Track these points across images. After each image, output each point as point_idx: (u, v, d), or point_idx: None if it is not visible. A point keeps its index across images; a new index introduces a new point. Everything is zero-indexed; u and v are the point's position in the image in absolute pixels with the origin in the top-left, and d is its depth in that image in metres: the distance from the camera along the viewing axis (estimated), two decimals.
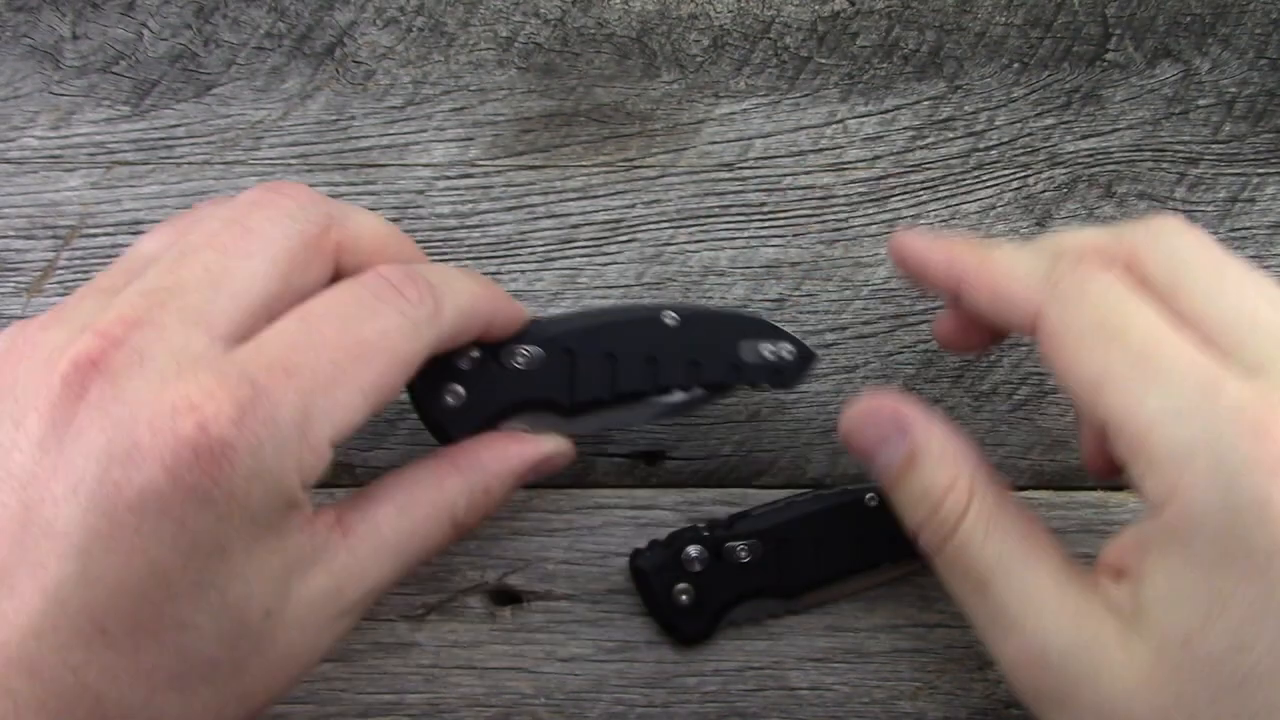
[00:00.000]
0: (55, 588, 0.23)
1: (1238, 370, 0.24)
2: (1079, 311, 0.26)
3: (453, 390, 0.31)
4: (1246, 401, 0.24)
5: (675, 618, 0.34)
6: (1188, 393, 0.24)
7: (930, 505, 0.28)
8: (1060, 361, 0.26)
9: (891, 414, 0.29)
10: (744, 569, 0.33)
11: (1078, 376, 0.26)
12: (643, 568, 0.34)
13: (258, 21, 0.39)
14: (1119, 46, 0.39)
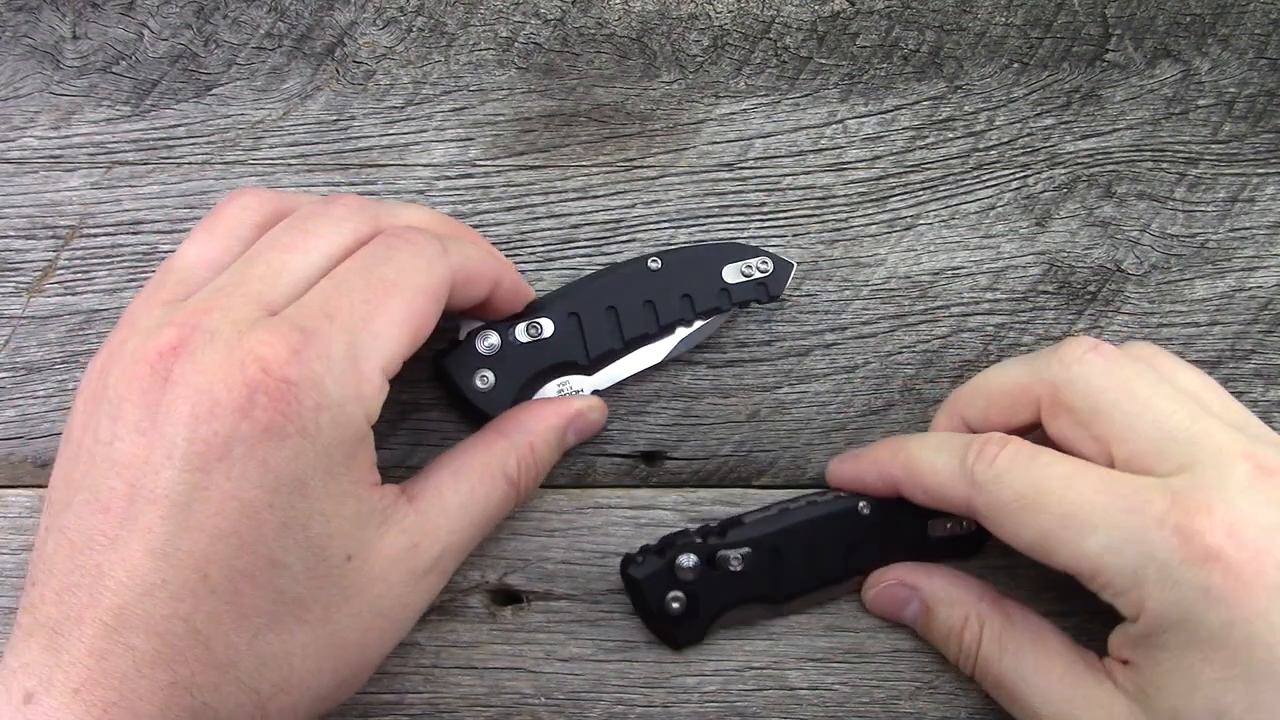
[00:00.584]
0: (161, 545, 0.26)
1: (1156, 482, 0.29)
2: (999, 494, 0.30)
3: (482, 376, 0.34)
4: (1167, 511, 0.28)
5: (667, 625, 0.33)
6: (1116, 525, 0.28)
7: (953, 642, 0.33)
8: (1004, 536, 0.31)
9: (899, 583, 0.34)
10: (736, 578, 0.33)
11: (1023, 545, 0.30)
12: (635, 576, 0.33)
13: (258, 21, 0.39)
14: (1119, 46, 0.39)
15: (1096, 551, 0.29)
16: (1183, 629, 0.28)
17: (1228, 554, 0.27)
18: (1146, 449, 0.29)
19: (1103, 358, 0.31)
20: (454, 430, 0.36)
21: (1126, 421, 0.30)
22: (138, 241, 0.37)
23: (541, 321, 0.34)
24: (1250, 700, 0.27)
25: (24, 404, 0.36)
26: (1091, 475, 0.30)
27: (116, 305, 0.37)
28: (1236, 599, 0.27)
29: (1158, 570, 0.28)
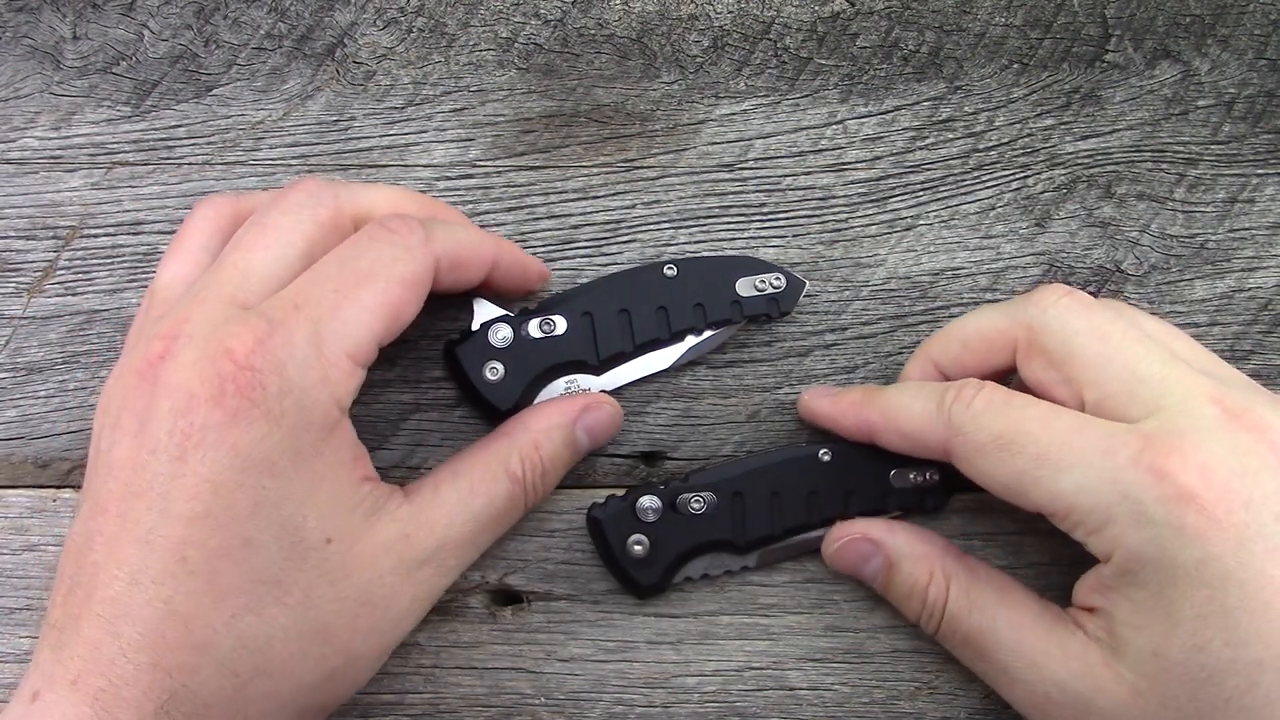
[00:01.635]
0: (145, 534, 0.27)
1: (1129, 426, 0.29)
2: (976, 435, 0.31)
3: (492, 367, 0.34)
4: (1140, 451, 0.28)
5: (630, 568, 0.34)
6: (1090, 465, 0.29)
7: (917, 599, 0.33)
8: (979, 478, 0.31)
9: (863, 538, 0.34)
10: (698, 520, 0.34)
11: (998, 486, 0.31)
12: (597, 517, 0.34)
13: (258, 22, 0.39)
14: (1119, 47, 0.39)
15: (1072, 491, 0.29)
16: (1159, 567, 0.28)
17: (1200, 493, 0.28)
18: (1118, 391, 0.30)
19: (1077, 302, 0.32)
20: (454, 430, 0.36)
21: (1099, 364, 0.30)
22: (138, 242, 0.37)
23: (555, 319, 0.35)
24: (1228, 635, 0.27)
25: (24, 404, 0.36)
26: (1066, 417, 0.30)
27: (116, 305, 0.37)
28: (1210, 537, 0.27)
29: (1132, 509, 0.28)
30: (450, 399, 0.36)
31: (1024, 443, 0.30)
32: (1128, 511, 0.28)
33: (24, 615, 0.35)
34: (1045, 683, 0.30)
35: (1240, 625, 0.27)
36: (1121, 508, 0.28)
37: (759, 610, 0.35)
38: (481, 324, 0.35)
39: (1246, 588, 0.27)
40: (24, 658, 0.34)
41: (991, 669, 0.32)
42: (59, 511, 0.35)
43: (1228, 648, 0.28)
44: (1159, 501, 0.28)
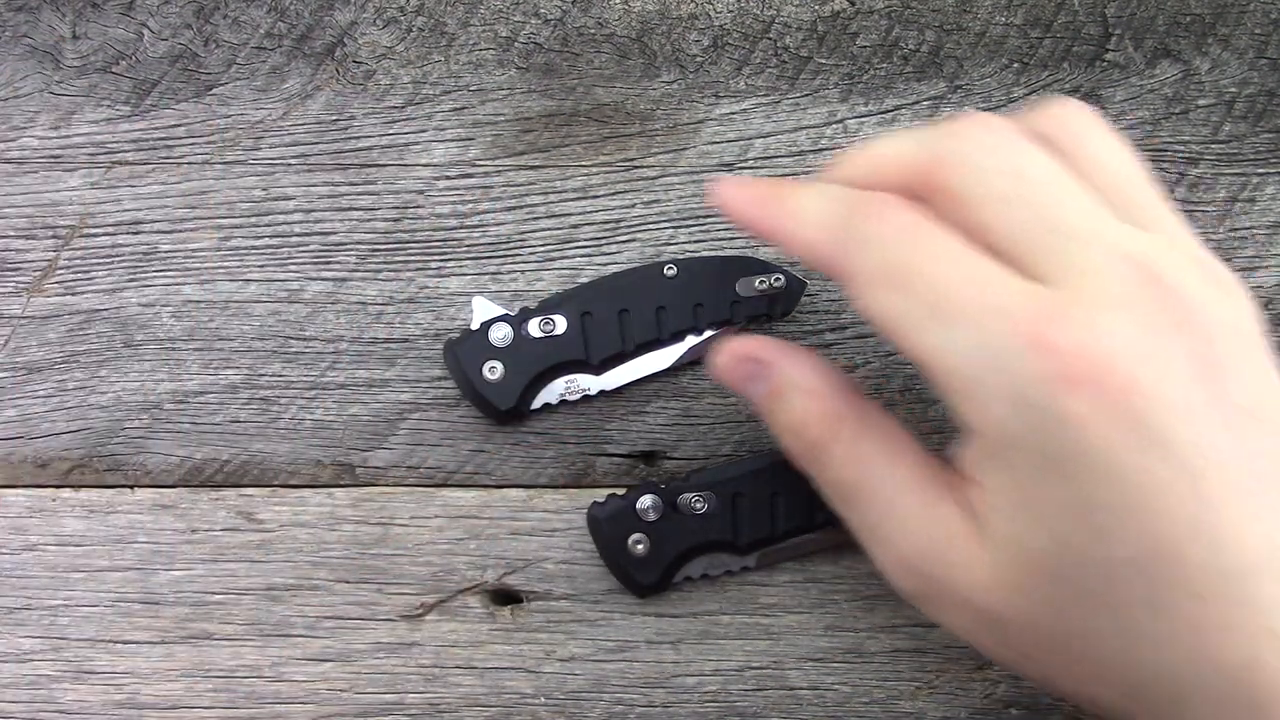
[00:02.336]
0: None
1: (1029, 286, 0.25)
2: (868, 258, 0.27)
3: (491, 366, 0.34)
4: (1029, 318, 0.25)
5: (630, 568, 0.34)
6: (976, 324, 0.25)
7: (800, 432, 0.30)
8: (859, 305, 0.27)
9: (754, 353, 0.30)
10: (698, 520, 0.34)
11: (877, 320, 0.27)
12: (597, 516, 0.34)
13: (258, 21, 0.39)
14: (1119, 46, 0.39)
15: (950, 349, 0.26)
16: (1030, 451, 0.25)
17: (1087, 377, 0.24)
18: (1022, 242, 0.26)
19: (993, 135, 0.27)
20: (454, 430, 0.36)
21: (1005, 210, 0.26)
22: (138, 241, 0.37)
23: (555, 318, 0.35)
24: (1097, 532, 0.25)
25: (24, 404, 0.36)
26: (966, 264, 0.26)
27: (116, 305, 0.37)
28: (1090, 426, 0.24)
29: (1009, 384, 0.25)
30: (450, 399, 0.36)
31: (915, 283, 0.26)
32: (1004, 386, 0.25)
33: (24, 615, 0.35)
34: (908, 548, 0.28)
35: (1110, 523, 0.25)
36: (998, 380, 0.25)
37: (759, 610, 0.35)
38: (481, 323, 0.35)
39: (1124, 484, 0.24)
40: (24, 657, 0.34)
41: (859, 522, 0.29)
42: (58, 511, 0.35)
43: (1095, 544, 0.25)
44: (1041, 381, 0.24)
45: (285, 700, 0.34)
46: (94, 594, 0.35)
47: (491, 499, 0.36)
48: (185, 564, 0.35)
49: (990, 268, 0.26)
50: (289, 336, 0.37)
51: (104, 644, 0.34)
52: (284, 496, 0.36)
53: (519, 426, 0.36)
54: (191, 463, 0.36)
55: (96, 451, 0.36)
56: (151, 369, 0.36)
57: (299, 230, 0.37)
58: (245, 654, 0.34)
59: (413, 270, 0.37)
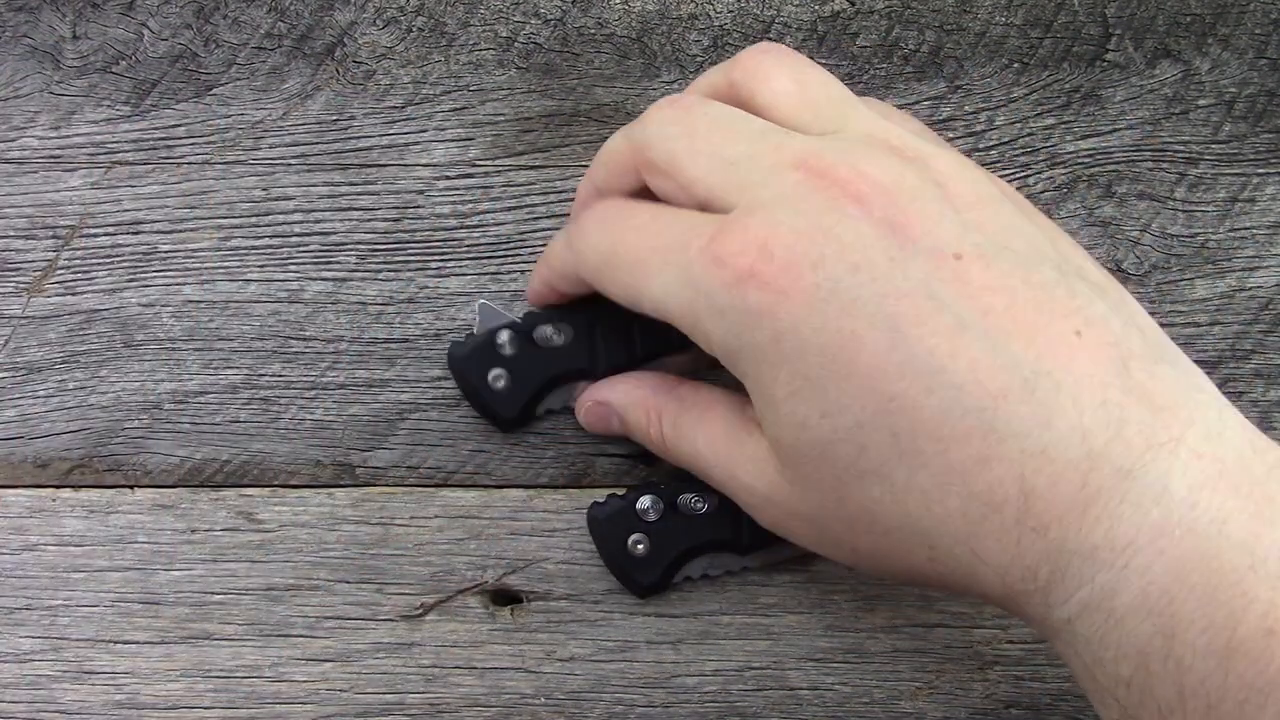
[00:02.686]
0: None
1: (710, 216, 0.28)
2: (589, 256, 0.31)
3: (496, 375, 0.34)
4: (704, 243, 0.27)
5: (630, 568, 0.34)
6: (670, 264, 0.28)
7: (647, 441, 0.33)
8: (604, 291, 0.31)
9: (593, 400, 0.34)
10: (699, 520, 0.34)
11: (617, 295, 0.30)
12: (597, 516, 0.34)
13: (258, 21, 0.39)
14: (1119, 46, 0.39)
15: (661, 295, 0.28)
16: (744, 354, 0.27)
17: (759, 268, 0.26)
18: (715, 184, 0.28)
19: (675, 108, 0.30)
20: (454, 430, 0.36)
21: (692, 163, 0.29)
22: (138, 241, 0.37)
23: (561, 326, 0.34)
24: (822, 405, 0.26)
25: (24, 404, 0.36)
26: (663, 219, 0.29)
27: (116, 305, 0.37)
28: (776, 311, 0.26)
29: (707, 302, 0.27)
30: (450, 399, 0.36)
31: (623, 253, 0.29)
32: (705, 306, 0.27)
33: (24, 615, 0.35)
34: (742, 489, 0.30)
35: (829, 392, 0.26)
36: (700, 303, 0.27)
37: (759, 610, 0.35)
38: (487, 330, 0.34)
39: (826, 351, 0.26)
40: (24, 658, 0.34)
41: (714, 484, 0.32)
42: (58, 511, 0.35)
43: (825, 418, 0.26)
44: (725, 288, 0.27)
45: (285, 700, 0.34)
46: (94, 594, 0.35)
47: (491, 499, 0.36)
48: (185, 564, 0.35)
49: (678, 215, 0.29)
50: (289, 336, 0.37)
51: (104, 644, 0.34)
52: (284, 496, 0.36)
53: None
54: (191, 463, 0.36)
55: (96, 451, 0.36)
56: (151, 369, 0.36)
57: (299, 230, 0.37)
58: (245, 654, 0.34)
59: (413, 270, 0.37)
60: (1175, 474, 0.24)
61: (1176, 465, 0.24)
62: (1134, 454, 0.24)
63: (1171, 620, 0.23)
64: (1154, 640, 0.24)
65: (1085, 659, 0.25)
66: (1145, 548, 0.24)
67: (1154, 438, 0.24)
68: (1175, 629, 0.23)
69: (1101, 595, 0.24)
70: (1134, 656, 0.24)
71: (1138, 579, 0.24)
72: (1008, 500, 0.25)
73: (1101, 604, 0.24)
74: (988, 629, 0.35)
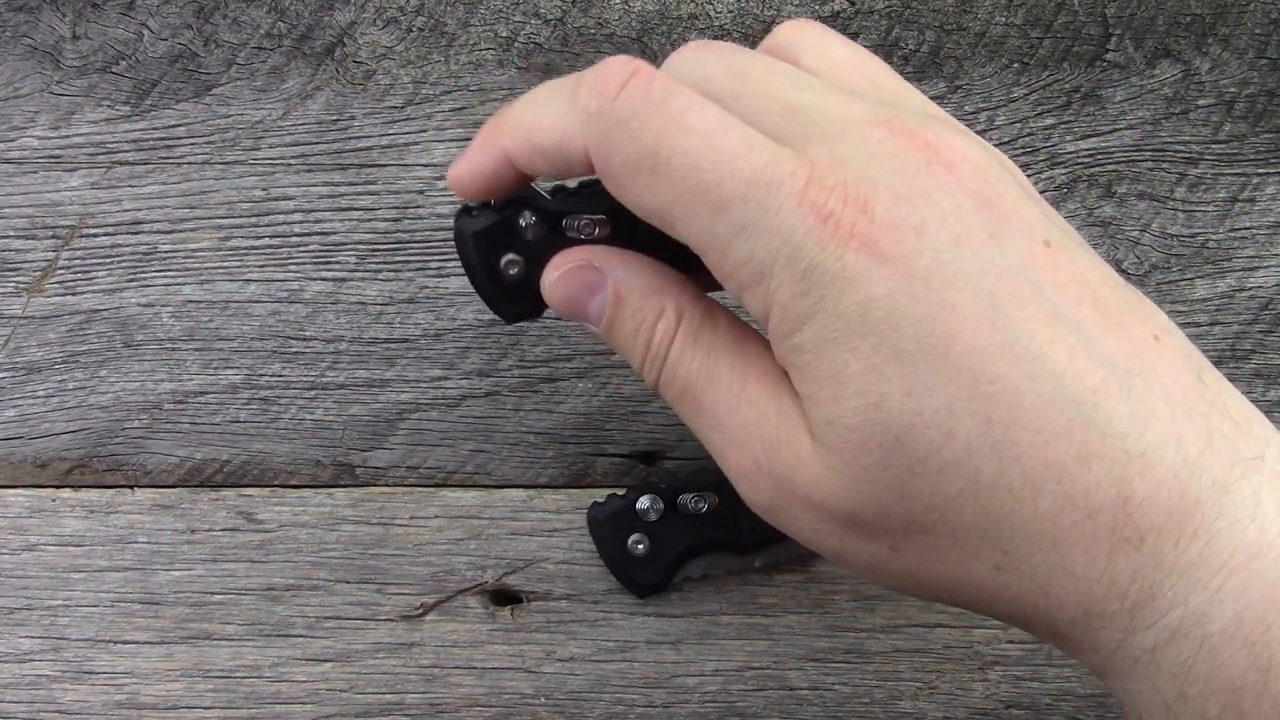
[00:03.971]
0: None
1: (794, 153, 0.24)
2: (622, 145, 0.25)
3: (511, 261, 0.29)
4: (806, 186, 0.24)
5: (630, 568, 0.34)
6: (752, 202, 0.24)
7: (643, 339, 0.27)
8: (623, 196, 0.26)
9: (587, 263, 0.28)
10: (699, 520, 0.34)
11: (644, 211, 0.25)
12: (596, 516, 0.34)
13: (258, 21, 0.39)
14: (1119, 46, 0.39)
15: (727, 234, 0.24)
16: (814, 321, 0.24)
17: (861, 228, 0.23)
18: (774, 126, 0.25)
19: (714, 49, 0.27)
20: (454, 430, 0.36)
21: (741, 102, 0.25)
22: (138, 241, 0.37)
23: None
24: (908, 383, 0.23)
25: (24, 404, 0.36)
26: (733, 135, 0.24)
27: (116, 305, 0.37)
28: (873, 275, 0.23)
29: (791, 257, 0.23)
30: (451, 398, 0.36)
31: (679, 166, 0.24)
32: (787, 260, 0.24)
33: (24, 615, 0.35)
34: (754, 444, 0.26)
35: (919, 369, 0.23)
36: (781, 257, 0.24)
37: (759, 610, 0.35)
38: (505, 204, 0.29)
39: (923, 324, 0.23)
40: (24, 658, 0.34)
41: (706, 425, 0.27)
42: (58, 511, 0.35)
43: (910, 398, 0.23)
44: (820, 244, 0.23)
45: (285, 700, 0.34)
46: (94, 594, 0.35)
47: (491, 499, 0.36)
48: (185, 564, 0.35)
49: (754, 136, 0.24)
50: (289, 336, 0.37)
51: (104, 644, 0.34)
52: (284, 496, 0.36)
53: (528, 404, 0.36)
54: (191, 463, 0.36)
55: (96, 451, 0.36)
56: (151, 369, 0.36)
57: (299, 230, 0.37)
58: (245, 654, 0.34)
59: (413, 270, 0.37)
60: (1266, 492, 0.22)
61: (1265, 483, 0.22)
62: (1225, 466, 0.22)
63: (1267, 651, 0.21)
64: (1248, 675, 0.21)
65: (1166, 695, 0.23)
66: (1241, 569, 0.22)
67: (1240, 453, 0.23)
68: (1270, 662, 0.21)
69: (1194, 620, 0.22)
70: (1223, 693, 0.22)
71: (1232, 604, 0.22)
72: (1105, 506, 0.22)
73: (1192, 630, 0.22)
74: (988, 629, 0.35)
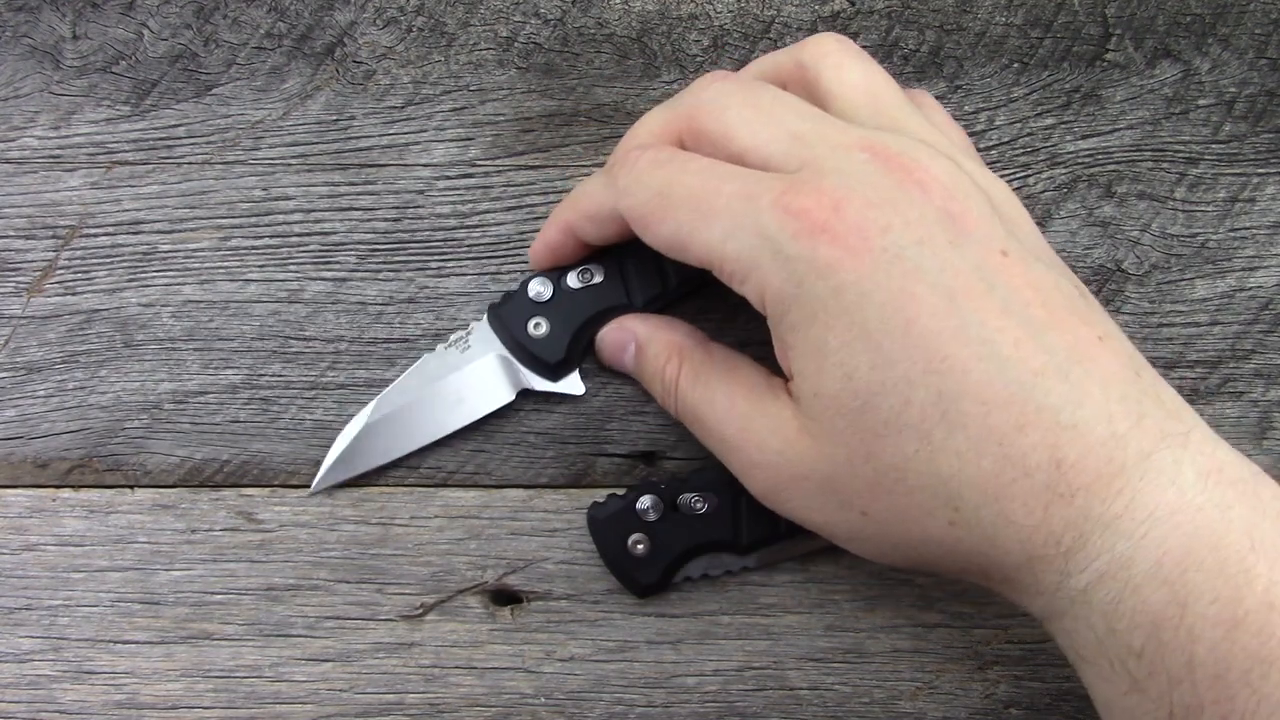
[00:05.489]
0: None
1: (778, 175, 0.29)
2: (638, 192, 0.31)
3: (535, 323, 0.35)
4: (777, 195, 0.29)
5: (630, 568, 0.34)
6: (735, 211, 0.29)
7: (659, 379, 0.34)
8: (650, 240, 0.31)
9: (619, 326, 0.35)
10: (698, 520, 0.34)
11: (662, 243, 0.31)
12: (597, 516, 0.34)
13: (258, 21, 0.39)
14: (1119, 46, 0.39)
15: (719, 239, 0.29)
16: (800, 303, 0.28)
17: (833, 225, 0.28)
18: (775, 153, 0.30)
19: (733, 81, 0.32)
20: (454, 431, 0.36)
21: (752, 130, 0.31)
22: (138, 241, 0.37)
23: (592, 268, 0.35)
24: (873, 357, 0.28)
25: (24, 404, 0.36)
26: (722, 170, 0.30)
27: (116, 305, 0.37)
28: (845, 264, 0.28)
29: (771, 249, 0.28)
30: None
31: (680, 194, 0.30)
32: (768, 253, 0.29)
33: (23, 615, 0.35)
34: (751, 445, 0.31)
35: (883, 346, 0.28)
36: (763, 250, 0.29)
37: (759, 610, 0.35)
38: (520, 282, 0.35)
39: (886, 308, 0.27)
40: (24, 657, 0.34)
41: (713, 439, 0.32)
42: (58, 511, 0.35)
43: (874, 370, 0.28)
44: (794, 238, 0.28)
45: (285, 700, 0.34)
46: (94, 594, 0.35)
47: (491, 499, 0.36)
48: (185, 564, 0.35)
49: (740, 170, 0.30)
50: (289, 336, 0.37)
51: (104, 644, 0.34)
52: (284, 496, 0.36)
53: (528, 407, 0.36)
54: (191, 463, 0.36)
55: (96, 451, 0.36)
56: (151, 369, 0.36)
57: (299, 230, 0.37)
58: (245, 654, 0.34)
59: (413, 270, 0.37)
60: (1186, 462, 0.26)
61: (1186, 456, 0.27)
62: (1151, 440, 0.27)
63: (1184, 590, 0.25)
64: (1167, 609, 0.25)
65: (1098, 630, 0.26)
66: (1162, 521, 0.26)
67: (1167, 430, 0.27)
68: (1187, 599, 0.25)
69: (1120, 564, 0.26)
70: (1146, 626, 0.26)
71: (1154, 550, 0.26)
72: (1040, 466, 0.27)
73: (1119, 572, 0.26)
74: (988, 629, 0.35)
